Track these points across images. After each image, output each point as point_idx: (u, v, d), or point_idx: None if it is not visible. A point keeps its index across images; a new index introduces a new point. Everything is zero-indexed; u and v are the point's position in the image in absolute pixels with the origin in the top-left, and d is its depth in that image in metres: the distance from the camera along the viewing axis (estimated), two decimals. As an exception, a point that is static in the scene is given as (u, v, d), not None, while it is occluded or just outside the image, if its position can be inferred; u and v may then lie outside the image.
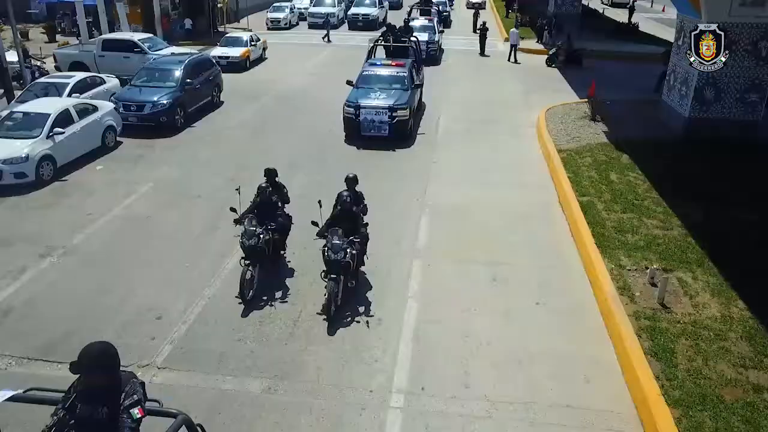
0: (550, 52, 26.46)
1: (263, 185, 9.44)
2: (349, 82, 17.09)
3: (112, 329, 8.25)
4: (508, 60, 27.01)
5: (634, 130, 16.19)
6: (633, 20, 38.45)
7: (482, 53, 28.56)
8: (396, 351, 7.88)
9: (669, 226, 10.79)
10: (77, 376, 3.71)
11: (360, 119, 15.49)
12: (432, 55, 26.29)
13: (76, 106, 14.51)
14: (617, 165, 13.72)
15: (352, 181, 9.41)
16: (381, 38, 21.58)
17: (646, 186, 12.52)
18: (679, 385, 6.88)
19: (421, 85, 18.22)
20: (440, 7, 36.26)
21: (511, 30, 28.06)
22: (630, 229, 10.64)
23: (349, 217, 8.82)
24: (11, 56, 19.91)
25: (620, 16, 43.39)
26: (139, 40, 22.36)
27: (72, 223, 11.37)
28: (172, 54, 20.71)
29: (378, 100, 15.75)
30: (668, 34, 29.56)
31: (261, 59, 26.84)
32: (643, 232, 10.55)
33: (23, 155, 12.69)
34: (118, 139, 15.68)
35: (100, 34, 28.46)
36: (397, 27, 23.03)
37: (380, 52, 21.90)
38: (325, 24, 33.35)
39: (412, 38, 21.44)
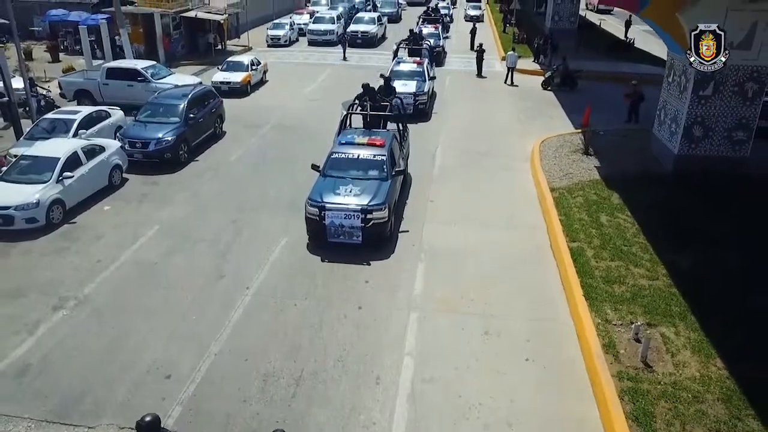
0: (546, 75, 26.91)
1: None
2: (314, 167, 13.79)
3: (125, 389, 8.74)
4: (505, 82, 27.40)
5: (625, 165, 16.66)
6: (629, 35, 38.90)
7: (479, 74, 28.87)
8: (393, 411, 8.37)
9: (655, 275, 11.27)
10: None
11: (326, 223, 12.44)
12: (420, 109, 21.75)
13: (84, 148, 14.92)
14: (608, 206, 14.18)
15: None
16: (356, 103, 17.34)
17: (634, 230, 13.00)
18: (657, 452, 7.37)
19: (404, 170, 15.09)
20: (432, 41, 29.77)
21: (509, 53, 28.29)
22: (617, 278, 11.12)
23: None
24: (17, 83, 20.24)
25: (616, 28, 43.70)
26: (142, 68, 22.79)
27: (82, 271, 11.85)
28: (176, 86, 21.06)
29: (348, 196, 12.63)
30: (662, 51, 29.90)
31: (262, 82, 27.25)
32: (630, 282, 11.03)
33: (34, 201, 13.14)
34: (123, 175, 16.14)
35: (103, 54, 29.10)
36: (377, 87, 18.57)
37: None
38: (342, 41, 33.40)
39: (396, 99, 18.18)
